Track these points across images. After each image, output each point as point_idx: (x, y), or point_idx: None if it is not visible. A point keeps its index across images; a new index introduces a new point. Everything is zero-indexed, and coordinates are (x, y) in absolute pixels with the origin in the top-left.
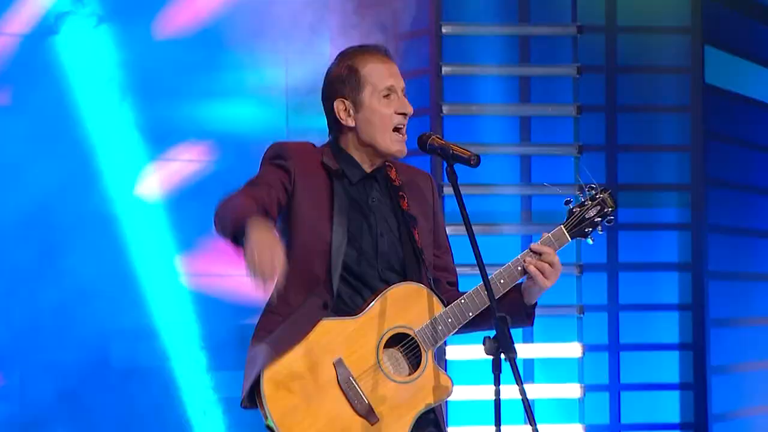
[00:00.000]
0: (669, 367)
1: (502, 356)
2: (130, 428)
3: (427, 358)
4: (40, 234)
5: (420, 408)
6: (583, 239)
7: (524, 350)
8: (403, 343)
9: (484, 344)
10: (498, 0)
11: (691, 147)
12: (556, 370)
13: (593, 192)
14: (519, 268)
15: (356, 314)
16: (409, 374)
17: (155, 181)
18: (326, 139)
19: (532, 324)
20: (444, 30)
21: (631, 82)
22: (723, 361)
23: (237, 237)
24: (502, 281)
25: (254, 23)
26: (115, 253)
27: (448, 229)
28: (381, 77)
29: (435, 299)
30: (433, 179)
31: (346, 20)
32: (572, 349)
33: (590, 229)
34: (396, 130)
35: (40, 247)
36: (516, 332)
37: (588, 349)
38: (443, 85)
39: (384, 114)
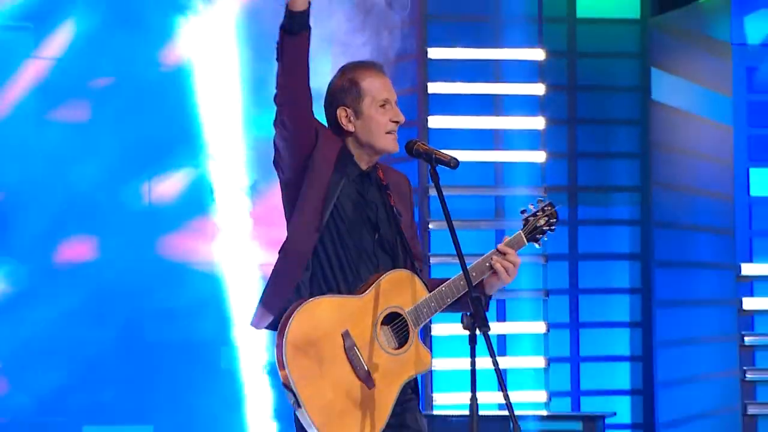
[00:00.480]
0: (621, 341)
1: (477, 331)
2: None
3: (413, 336)
4: (88, 223)
5: (405, 378)
6: (534, 243)
7: (497, 327)
8: (394, 321)
9: (462, 321)
10: (476, 28)
11: (640, 155)
12: (524, 344)
13: (543, 205)
14: (487, 264)
15: (361, 293)
16: (398, 348)
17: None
18: None
19: (488, 311)
20: (430, 55)
21: (589, 98)
22: (667, 337)
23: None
24: (474, 274)
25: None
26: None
27: (433, 225)
28: (378, 90)
29: (421, 285)
30: (409, 180)
31: (346, 49)
32: (538, 327)
33: (540, 236)
34: (388, 133)
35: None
36: (490, 312)
37: (552, 326)
38: (429, 101)
39: (380, 122)
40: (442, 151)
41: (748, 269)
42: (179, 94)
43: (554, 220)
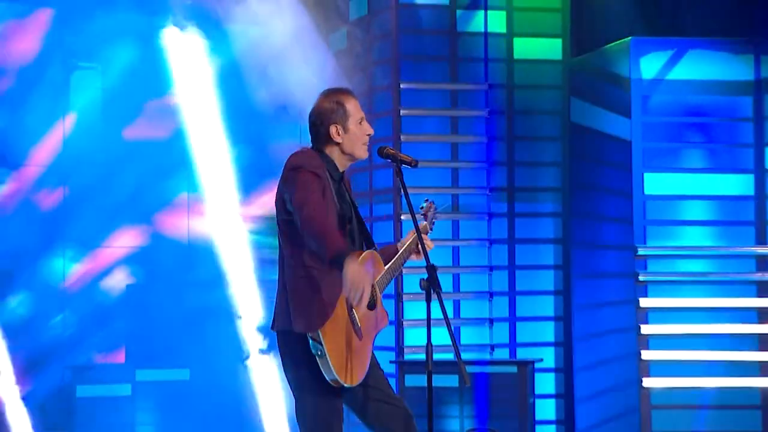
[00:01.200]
0: (547, 305)
1: (433, 293)
2: None
3: (379, 300)
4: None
5: (377, 331)
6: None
7: (453, 296)
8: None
9: (420, 284)
10: (437, 66)
11: (562, 163)
12: (474, 308)
13: (429, 203)
14: (413, 246)
15: None
16: (371, 310)
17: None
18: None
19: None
20: (402, 86)
21: (523, 120)
22: (582, 302)
23: (332, 263)
24: (408, 253)
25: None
26: None
27: (404, 217)
28: (357, 110)
29: (381, 260)
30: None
31: (337, 80)
32: (484, 294)
33: (433, 223)
34: (363, 144)
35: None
36: (447, 283)
37: (495, 294)
38: (401, 122)
39: (359, 135)
40: (405, 154)
41: (642, 250)
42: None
43: (436, 213)
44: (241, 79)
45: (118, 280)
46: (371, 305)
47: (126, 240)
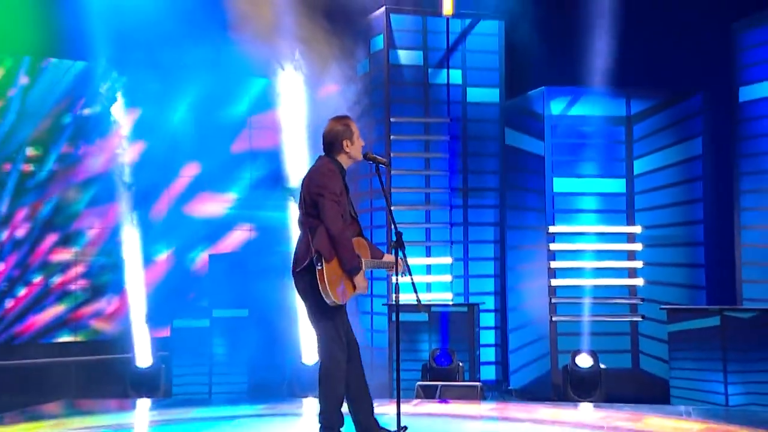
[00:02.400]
0: (489, 267)
1: (400, 253)
2: None
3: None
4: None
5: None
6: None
7: (425, 261)
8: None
9: (388, 245)
10: (415, 106)
11: (499, 171)
12: (439, 269)
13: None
14: (388, 264)
15: None
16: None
17: None
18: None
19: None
20: (392, 120)
21: (474, 143)
22: (513, 265)
23: (350, 272)
24: (383, 266)
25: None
26: None
27: (395, 207)
28: (356, 129)
29: (368, 245)
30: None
31: (349, 113)
32: (446, 260)
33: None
34: (360, 151)
35: None
36: (421, 252)
37: (454, 260)
38: (391, 144)
39: (359, 145)
40: (381, 158)
41: (552, 229)
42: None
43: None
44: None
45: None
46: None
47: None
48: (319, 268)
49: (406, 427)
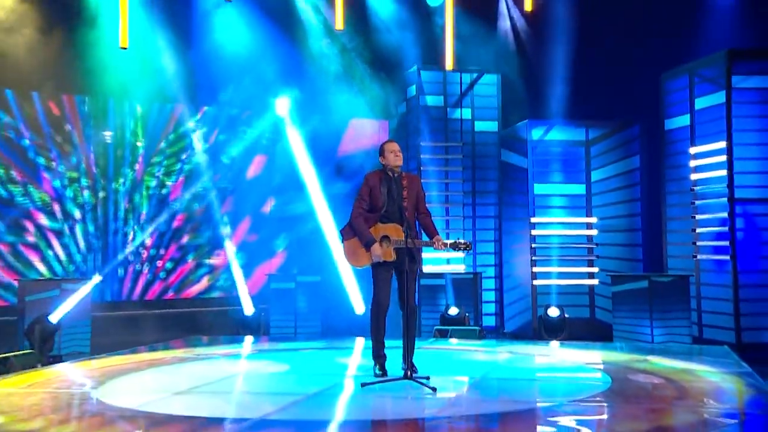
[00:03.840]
0: (490, 246)
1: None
2: None
3: (391, 245)
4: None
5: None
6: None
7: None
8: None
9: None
10: (439, 134)
11: (498, 179)
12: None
13: (462, 244)
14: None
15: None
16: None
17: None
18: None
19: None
20: (422, 144)
21: (480, 161)
22: (507, 244)
23: (366, 246)
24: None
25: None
26: None
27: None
28: (390, 149)
29: (400, 230)
30: (417, 177)
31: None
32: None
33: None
34: (393, 163)
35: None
36: (441, 236)
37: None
38: (421, 161)
39: (391, 159)
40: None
41: (533, 219)
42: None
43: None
44: None
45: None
46: (390, 252)
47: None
48: (341, 244)
49: (413, 372)
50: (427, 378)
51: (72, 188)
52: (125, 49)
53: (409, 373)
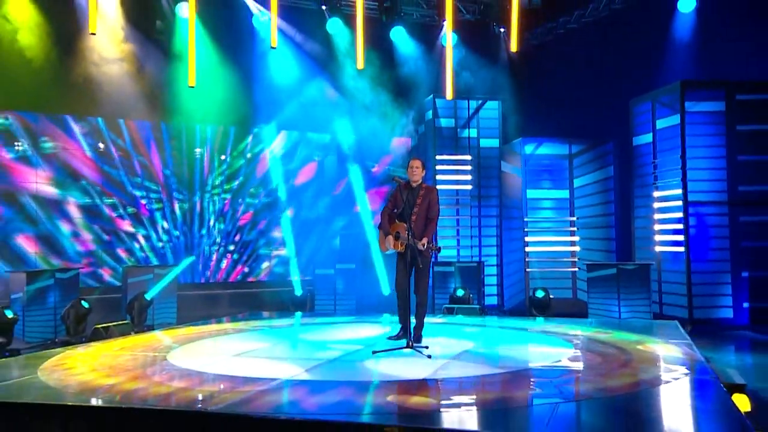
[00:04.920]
0: (493, 241)
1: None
2: None
3: (401, 240)
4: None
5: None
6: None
7: (454, 237)
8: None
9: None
10: (450, 149)
11: (498, 186)
12: (464, 243)
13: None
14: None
15: (396, 226)
16: (398, 243)
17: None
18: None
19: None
20: (437, 157)
21: (484, 170)
22: (506, 238)
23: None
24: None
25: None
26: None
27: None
28: (411, 165)
29: (405, 228)
30: (434, 190)
31: (415, 154)
32: (467, 237)
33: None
34: (411, 176)
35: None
36: (452, 232)
37: (473, 237)
38: (436, 171)
39: (410, 174)
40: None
41: (526, 219)
42: None
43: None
44: None
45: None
46: (398, 244)
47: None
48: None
49: (411, 344)
50: (426, 347)
51: (160, 195)
52: (193, 87)
53: (411, 343)
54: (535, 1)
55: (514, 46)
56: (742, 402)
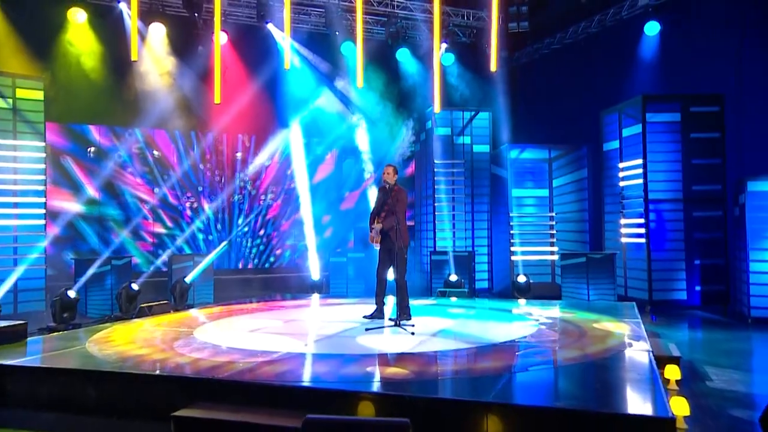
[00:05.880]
0: (484, 233)
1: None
2: None
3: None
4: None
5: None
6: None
7: (450, 229)
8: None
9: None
10: (447, 154)
11: (488, 186)
12: (459, 233)
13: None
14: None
15: (380, 220)
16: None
17: None
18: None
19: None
20: (435, 161)
21: (477, 172)
22: (496, 231)
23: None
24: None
25: None
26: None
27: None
28: (386, 170)
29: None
30: (402, 191)
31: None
32: (462, 227)
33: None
34: (385, 180)
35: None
36: (449, 225)
37: (467, 229)
38: (435, 173)
39: (386, 177)
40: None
41: (512, 214)
42: None
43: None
44: None
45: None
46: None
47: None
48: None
49: (398, 323)
50: (413, 325)
51: (200, 193)
52: (218, 104)
53: (398, 322)
54: (524, 25)
55: (493, 67)
56: (673, 372)
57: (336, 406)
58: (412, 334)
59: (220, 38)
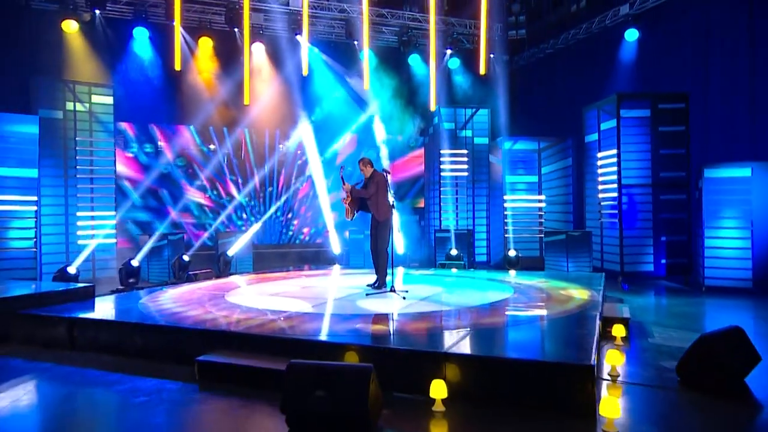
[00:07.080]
0: (483, 214)
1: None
2: None
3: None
4: None
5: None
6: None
7: (454, 211)
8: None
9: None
10: (451, 145)
11: (487, 173)
12: (461, 216)
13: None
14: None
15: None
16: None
17: None
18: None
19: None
20: (441, 151)
21: (477, 161)
22: (493, 213)
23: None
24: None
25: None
26: None
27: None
28: (363, 163)
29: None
30: (377, 175)
31: (424, 151)
32: (464, 212)
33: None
34: (363, 171)
35: None
36: (453, 208)
37: (468, 211)
38: (441, 162)
39: (362, 171)
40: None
41: (506, 197)
42: None
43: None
44: None
45: None
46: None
47: None
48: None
49: (393, 289)
50: (406, 291)
51: (240, 179)
52: (247, 105)
53: (393, 288)
54: (522, 32)
55: (482, 70)
56: (619, 330)
57: (318, 354)
58: (404, 298)
59: (257, 48)
